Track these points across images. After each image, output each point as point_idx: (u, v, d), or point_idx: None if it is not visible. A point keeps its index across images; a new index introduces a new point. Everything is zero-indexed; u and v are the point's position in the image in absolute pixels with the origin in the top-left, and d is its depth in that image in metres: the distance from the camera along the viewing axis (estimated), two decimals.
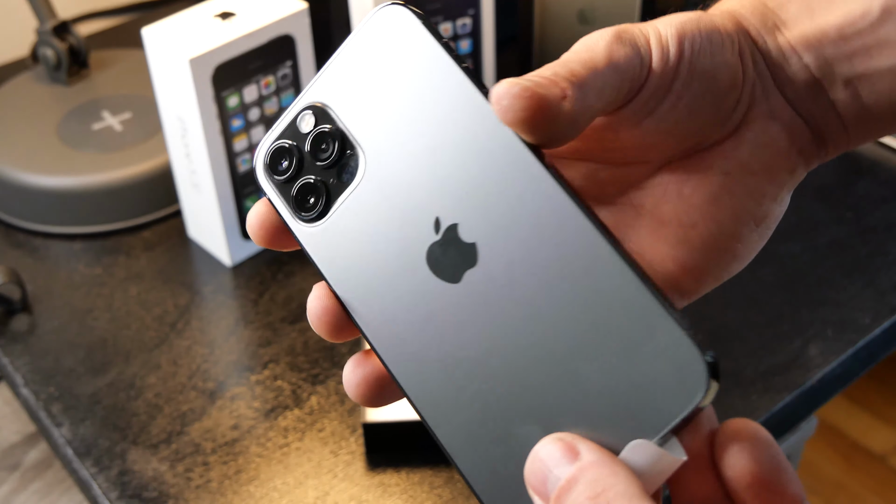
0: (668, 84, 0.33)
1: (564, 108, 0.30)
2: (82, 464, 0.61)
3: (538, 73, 0.31)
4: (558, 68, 0.31)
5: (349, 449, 0.62)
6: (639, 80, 0.33)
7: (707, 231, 0.35)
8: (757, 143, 0.35)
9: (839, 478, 1.58)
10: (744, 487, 0.29)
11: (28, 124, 0.84)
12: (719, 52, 0.34)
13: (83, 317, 0.72)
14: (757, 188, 0.35)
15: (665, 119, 0.34)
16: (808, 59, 0.34)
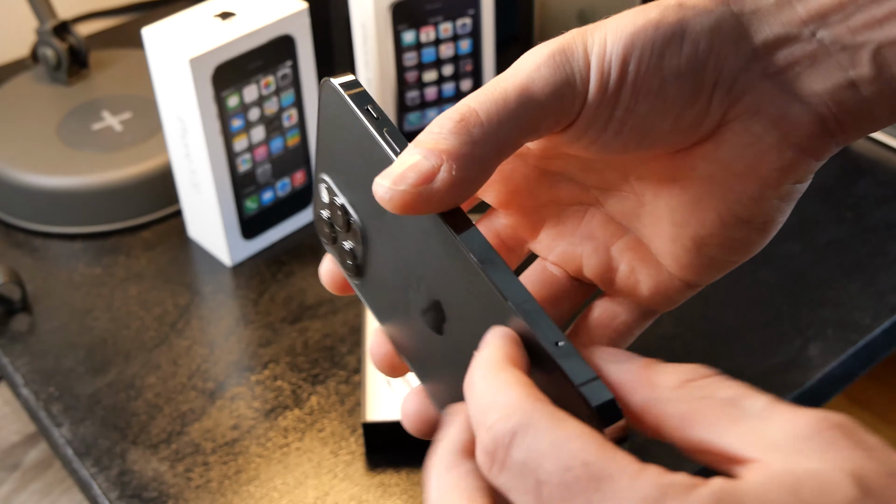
0: (608, 111, 0.32)
1: (436, 187, 0.30)
2: (82, 464, 0.61)
3: (424, 135, 0.31)
4: (452, 116, 0.31)
5: (349, 449, 0.62)
6: (569, 111, 0.32)
7: (695, 232, 0.34)
8: (737, 143, 0.33)
9: None
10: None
11: (28, 124, 0.84)
12: (673, 64, 0.32)
13: (83, 317, 0.72)
14: (743, 190, 0.33)
15: (614, 140, 0.33)
16: (822, 33, 0.31)
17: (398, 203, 0.30)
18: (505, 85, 0.31)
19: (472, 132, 0.30)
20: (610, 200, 0.37)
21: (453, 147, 0.30)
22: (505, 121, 0.31)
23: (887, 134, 0.85)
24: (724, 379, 0.29)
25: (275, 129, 0.73)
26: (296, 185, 0.77)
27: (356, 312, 0.71)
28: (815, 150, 0.33)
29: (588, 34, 0.32)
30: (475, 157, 0.31)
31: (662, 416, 0.29)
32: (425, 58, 0.79)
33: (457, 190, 0.31)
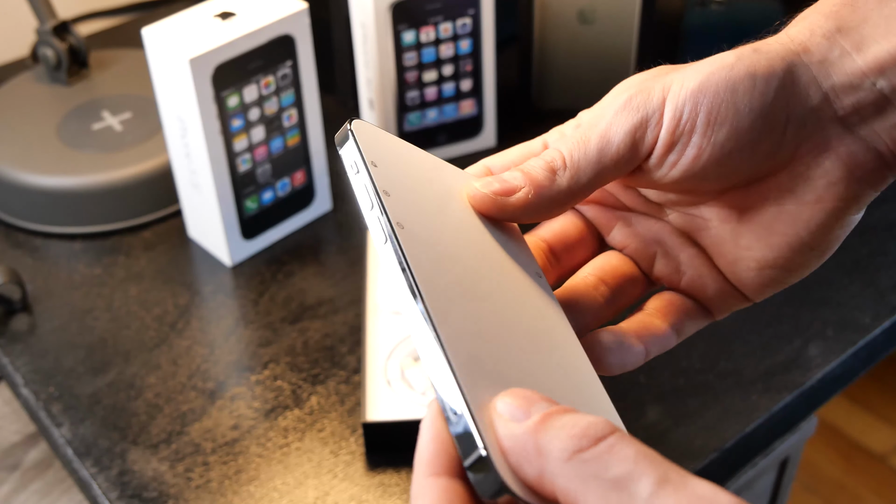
0: (685, 142, 0.36)
1: (511, 201, 0.37)
2: (82, 464, 0.61)
3: (521, 166, 0.38)
4: (544, 156, 0.37)
5: (349, 449, 0.62)
6: (644, 148, 0.37)
7: (762, 255, 0.38)
8: (808, 177, 0.37)
9: (839, 478, 1.58)
10: None
11: (28, 124, 0.84)
12: (746, 101, 0.35)
13: (83, 317, 0.72)
14: (811, 219, 0.37)
15: (689, 167, 0.37)
16: (881, 83, 0.35)
17: (478, 202, 0.37)
18: (588, 134, 0.37)
19: (555, 172, 0.37)
20: (676, 218, 0.41)
21: (538, 177, 0.37)
22: (584, 166, 0.37)
23: None
24: (618, 447, 0.28)
25: (275, 129, 0.73)
26: (296, 185, 0.77)
27: (356, 312, 0.71)
28: (875, 183, 0.37)
29: (666, 74, 0.37)
30: (552, 192, 0.37)
31: (554, 490, 0.28)
32: (425, 58, 0.79)
33: (526, 210, 0.37)
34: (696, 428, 0.63)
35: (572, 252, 0.42)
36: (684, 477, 0.27)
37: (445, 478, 0.30)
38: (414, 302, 0.32)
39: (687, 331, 0.41)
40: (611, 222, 0.42)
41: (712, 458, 0.61)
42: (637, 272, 0.42)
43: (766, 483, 0.83)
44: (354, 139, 0.36)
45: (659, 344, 0.40)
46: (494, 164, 0.40)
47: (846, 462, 1.60)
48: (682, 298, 0.41)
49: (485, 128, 0.85)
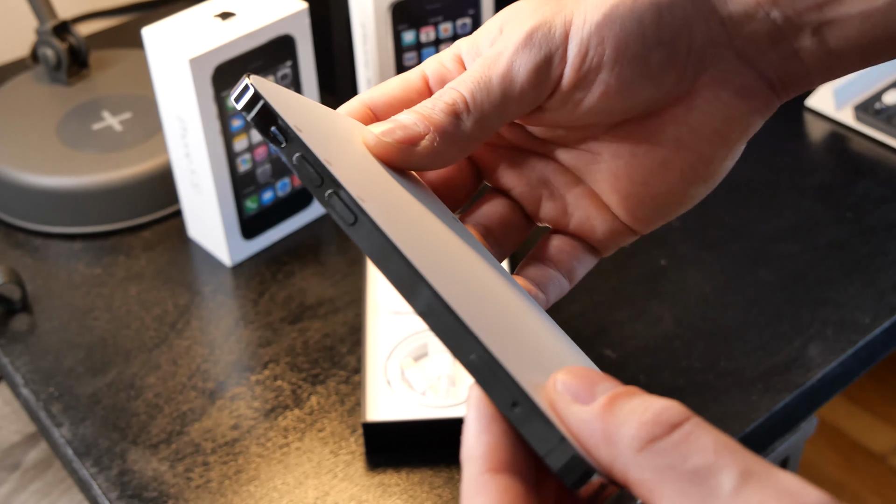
0: (591, 79, 0.35)
1: (417, 150, 0.35)
2: (82, 464, 0.61)
3: (418, 107, 0.35)
4: (444, 97, 0.35)
5: (349, 449, 0.62)
6: (548, 86, 0.35)
7: (657, 190, 0.38)
8: (707, 110, 0.36)
9: (839, 478, 1.58)
10: None
11: (28, 124, 0.84)
12: (653, 31, 0.35)
13: (83, 317, 0.72)
14: (708, 152, 0.37)
15: (595, 104, 0.36)
16: (774, 14, 0.35)
17: (381, 151, 0.35)
18: (489, 74, 0.35)
19: (459, 116, 0.35)
20: (564, 154, 0.39)
21: (441, 122, 0.34)
22: (488, 108, 0.35)
23: (887, 134, 0.85)
24: (696, 435, 0.26)
25: None
26: (296, 185, 0.77)
27: (356, 312, 0.71)
28: (765, 112, 0.37)
29: (566, 5, 0.35)
30: (457, 137, 0.35)
31: (627, 479, 0.26)
32: (425, 58, 0.79)
33: (434, 158, 0.35)
34: None
35: (453, 193, 0.40)
36: (769, 469, 0.25)
37: (504, 475, 0.28)
38: (423, 291, 0.29)
39: (578, 274, 0.40)
40: (495, 162, 0.40)
41: None
42: (520, 217, 0.40)
43: None
44: (266, 101, 0.32)
45: (556, 291, 0.39)
46: (374, 101, 0.37)
47: (846, 462, 1.60)
48: (570, 241, 0.40)
49: None
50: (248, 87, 0.32)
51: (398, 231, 0.30)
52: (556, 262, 0.39)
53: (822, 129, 0.88)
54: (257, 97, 0.32)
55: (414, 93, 0.38)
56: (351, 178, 0.31)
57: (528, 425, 0.27)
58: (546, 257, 0.40)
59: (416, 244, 0.30)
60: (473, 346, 0.28)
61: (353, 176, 0.31)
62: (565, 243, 0.40)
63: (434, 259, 0.31)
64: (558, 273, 0.39)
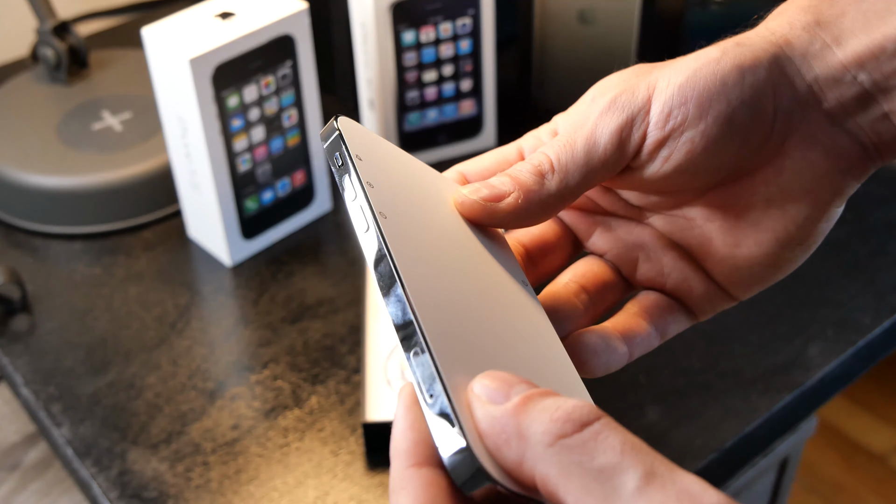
0: (675, 138, 0.36)
1: (500, 206, 0.36)
2: (82, 464, 0.61)
3: (508, 171, 0.37)
4: (531, 159, 0.37)
5: (349, 449, 0.62)
6: (632, 147, 0.36)
7: (749, 252, 0.38)
8: (796, 170, 0.37)
9: (839, 478, 1.58)
10: None
11: (28, 124, 0.84)
12: (737, 92, 0.35)
13: (83, 317, 0.72)
14: (798, 213, 0.37)
15: (682, 163, 0.36)
16: (862, 77, 0.35)
17: (467, 209, 0.37)
18: (575, 137, 0.36)
19: (544, 177, 0.36)
20: (658, 220, 0.40)
21: (526, 182, 0.36)
22: (572, 169, 0.36)
23: None
24: (604, 434, 0.26)
25: (275, 129, 0.73)
26: (296, 185, 0.77)
27: (356, 312, 0.71)
28: (858, 175, 0.38)
29: (650, 72, 0.37)
30: (542, 196, 0.36)
31: (533, 476, 0.27)
32: (425, 58, 0.79)
33: (517, 216, 0.36)
34: (696, 428, 0.63)
35: (549, 257, 0.41)
36: (672, 471, 0.26)
37: (427, 468, 0.29)
38: (392, 286, 0.31)
39: (670, 331, 0.40)
40: (590, 228, 0.41)
41: (712, 458, 0.61)
42: (617, 278, 0.41)
43: (766, 483, 0.83)
44: (340, 133, 0.35)
45: (643, 345, 0.39)
46: (469, 171, 0.39)
47: (846, 462, 1.60)
48: (666, 299, 0.40)
49: (485, 128, 0.85)
50: (334, 130, 0.35)
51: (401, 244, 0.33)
52: (649, 316, 0.40)
53: None
54: (339, 143, 0.35)
55: (507, 165, 0.39)
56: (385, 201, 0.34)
57: (433, 418, 0.28)
58: (639, 311, 0.40)
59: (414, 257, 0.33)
60: (417, 340, 0.30)
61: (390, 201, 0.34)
62: (661, 300, 0.40)
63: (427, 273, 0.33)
64: (651, 327, 0.39)
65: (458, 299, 0.33)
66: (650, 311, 0.40)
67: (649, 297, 0.40)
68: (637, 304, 0.40)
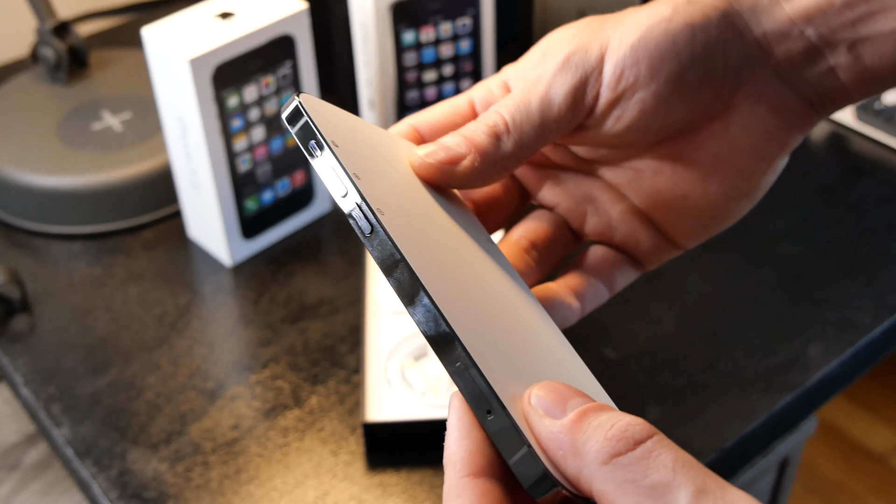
0: (628, 98, 0.36)
1: (458, 170, 0.36)
2: (82, 464, 0.61)
3: (462, 129, 0.37)
4: (486, 120, 0.37)
5: (349, 449, 0.62)
6: (585, 106, 0.37)
7: (697, 204, 0.39)
8: (744, 125, 0.37)
9: (839, 478, 1.58)
10: None
11: (28, 124, 0.84)
12: (687, 51, 0.36)
13: (83, 317, 0.72)
14: (746, 167, 0.38)
15: (633, 122, 0.37)
16: (809, 31, 0.36)
17: (424, 172, 0.36)
18: (529, 97, 0.36)
19: (499, 137, 0.36)
20: (607, 172, 0.41)
21: (482, 144, 0.36)
22: (527, 130, 0.36)
23: (887, 134, 0.85)
24: (657, 452, 0.27)
25: (275, 129, 0.73)
26: (296, 185, 0.77)
27: (356, 312, 0.71)
28: (804, 127, 0.38)
29: (601, 28, 0.37)
30: (497, 157, 0.36)
31: (591, 489, 0.28)
32: (425, 58, 0.79)
33: (474, 178, 0.36)
34: (696, 428, 0.63)
35: (497, 211, 0.41)
36: (723, 487, 0.27)
37: (483, 479, 0.29)
38: (421, 298, 0.30)
39: (619, 284, 0.41)
40: (540, 181, 0.42)
41: (712, 458, 0.61)
42: (566, 232, 0.41)
43: (767, 483, 0.83)
44: (309, 117, 0.33)
45: (594, 300, 0.40)
46: (421, 124, 0.39)
47: (846, 462, 1.60)
48: (613, 252, 0.41)
49: None
50: (294, 103, 0.34)
51: (410, 243, 0.32)
52: (597, 270, 0.40)
53: (823, 129, 0.88)
54: (300, 112, 0.33)
55: (460, 117, 0.39)
56: (376, 192, 0.33)
57: (499, 433, 0.29)
58: (587, 266, 0.41)
59: (425, 256, 0.32)
60: (459, 355, 0.30)
61: (379, 191, 0.33)
62: (609, 254, 0.41)
63: (441, 272, 0.32)
64: (599, 282, 0.40)
65: (474, 297, 0.33)
66: (599, 266, 0.41)
67: (597, 252, 0.41)
68: (586, 259, 0.41)
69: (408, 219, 0.33)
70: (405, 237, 0.32)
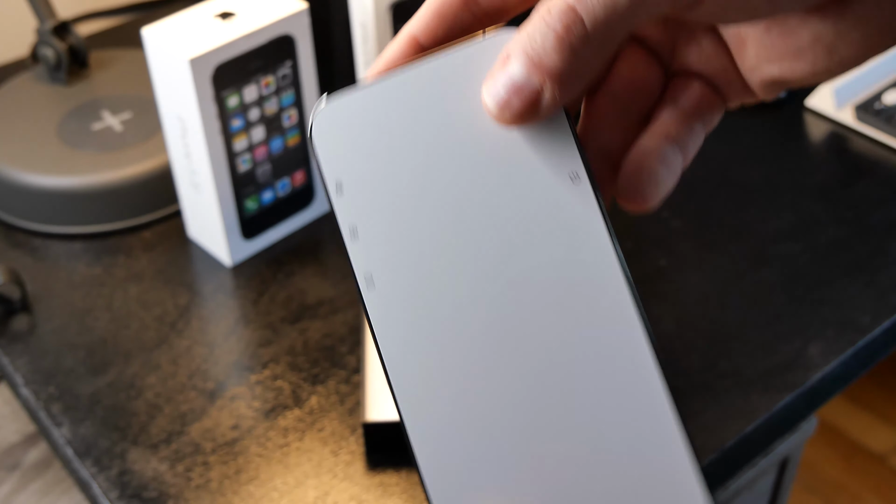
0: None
1: (542, 111, 0.29)
2: (82, 464, 0.61)
3: (523, 43, 0.28)
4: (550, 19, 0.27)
5: (349, 449, 0.62)
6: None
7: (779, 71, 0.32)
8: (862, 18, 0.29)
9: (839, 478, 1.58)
10: None
11: (28, 124, 0.84)
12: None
13: (83, 317, 0.72)
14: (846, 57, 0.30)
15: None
16: None
17: (506, 122, 0.29)
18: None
19: (575, 48, 0.27)
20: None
21: (556, 66, 0.27)
22: (614, 26, 0.27)
23: (887, 134, 0.85)
24: None
25: (275, 129, 0.73)
26: (296, 185, 0.77)
27: (356, 312, 0.71)
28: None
29: None
30: (578, 75, 0.28)
31: None
32: None
33: (558, 108, 0.29)
34: (696, 428, 0.63)
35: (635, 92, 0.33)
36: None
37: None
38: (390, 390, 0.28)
39: (713, 124, 0.34)
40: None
41: (712, 458, 0.61)
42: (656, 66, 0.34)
43: (766, 483, 0.83)
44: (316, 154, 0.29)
45: (694, 147, 0.33)
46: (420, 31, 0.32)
47: (846, 462, 1.60)
48: (708, 90, 0.33)
49: None
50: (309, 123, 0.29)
51: (395, 325, 0.28)
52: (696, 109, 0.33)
53: (822, 129, 0.88)
54: (311, 138, 0.29)
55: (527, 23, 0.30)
56: (376, 250, 0.29)
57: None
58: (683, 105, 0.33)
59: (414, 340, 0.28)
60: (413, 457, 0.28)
61: (382, 245, 0.29)
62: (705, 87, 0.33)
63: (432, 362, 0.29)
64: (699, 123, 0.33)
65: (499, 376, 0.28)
66: (699, 103, 0.33)
67: (694, 86, 0.33)
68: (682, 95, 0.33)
69: (413, 275, 0.29)
70: (391, 316, 0.28)
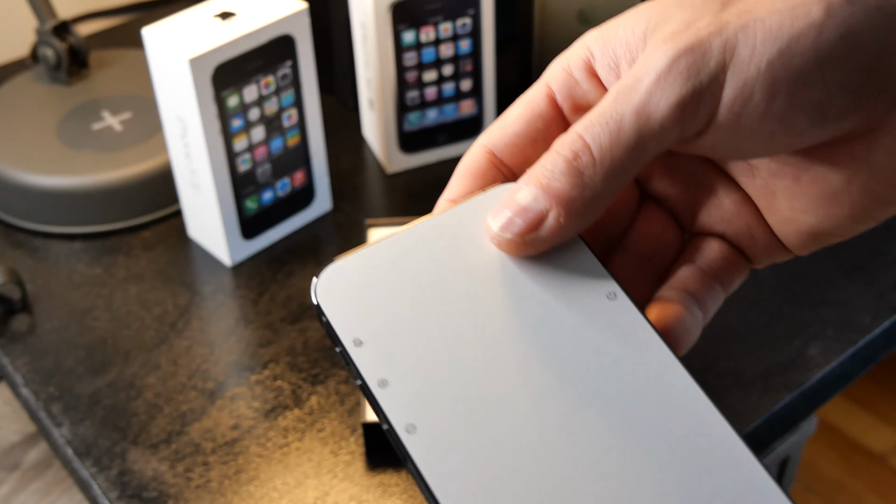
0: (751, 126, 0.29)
1: (543, 235, 0.30)
2: (82, 464, 0.61)
3: (536, 173, 0.30)
4: (562, 150, 0.29)
5: (349, 449, 0.62)
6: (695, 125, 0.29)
7: (817, 223, 0.32)
8: (892, 150, 0.30)
9: (839, 478, 1.58)
10: None
11: (28, 124, 0.84)
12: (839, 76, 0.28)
13: (83, 317, 0.72)
14: (884, 196, 0.31)
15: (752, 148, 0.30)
16: None
17: (506, 250, 0.30)
18: (621, 110, 0.29)
19: (583, 174, 0.29)
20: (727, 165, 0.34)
21: (563, 191, 0.29)
22: (619, 156, 0.29)
23: None
24: None
25: (275, 129, 0.73)
26: (296, 185, 0.77)
27: None
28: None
29: (728, 29, 0.28)
30: (585, 201, 0.29)
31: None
32: (425, 58, 0.79)
33: (564, 234, 0.30)
34: None
35: (615, 218, 0.34)
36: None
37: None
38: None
39: (734, 286, 0.35)
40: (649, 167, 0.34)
41: None
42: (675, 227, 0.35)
43: None
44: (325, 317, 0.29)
45: (714, 305, 0.34)
46: (496, 143, 0.32)
47: (846, 462, 1.60)
48: (729, 247, 0.34)
49: (485, 128, 0.85)
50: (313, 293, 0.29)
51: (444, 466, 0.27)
52: (715, 269, 0.34)
53: None
54: (319, 308, 0.29)
55: (540, 121, 0.32)
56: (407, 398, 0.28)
57: None
58: (703, 264, 0.34)
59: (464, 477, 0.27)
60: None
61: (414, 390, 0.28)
62: (726, 249, 0.34)
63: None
64: (717, 283, 0.34)
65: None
66: (717, 263, 0.34)
67: (714, 247, 0.34)
68: (700, 255, 0.34)
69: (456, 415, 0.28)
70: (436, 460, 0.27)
